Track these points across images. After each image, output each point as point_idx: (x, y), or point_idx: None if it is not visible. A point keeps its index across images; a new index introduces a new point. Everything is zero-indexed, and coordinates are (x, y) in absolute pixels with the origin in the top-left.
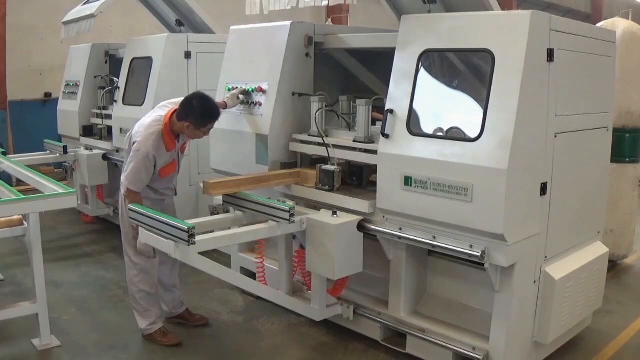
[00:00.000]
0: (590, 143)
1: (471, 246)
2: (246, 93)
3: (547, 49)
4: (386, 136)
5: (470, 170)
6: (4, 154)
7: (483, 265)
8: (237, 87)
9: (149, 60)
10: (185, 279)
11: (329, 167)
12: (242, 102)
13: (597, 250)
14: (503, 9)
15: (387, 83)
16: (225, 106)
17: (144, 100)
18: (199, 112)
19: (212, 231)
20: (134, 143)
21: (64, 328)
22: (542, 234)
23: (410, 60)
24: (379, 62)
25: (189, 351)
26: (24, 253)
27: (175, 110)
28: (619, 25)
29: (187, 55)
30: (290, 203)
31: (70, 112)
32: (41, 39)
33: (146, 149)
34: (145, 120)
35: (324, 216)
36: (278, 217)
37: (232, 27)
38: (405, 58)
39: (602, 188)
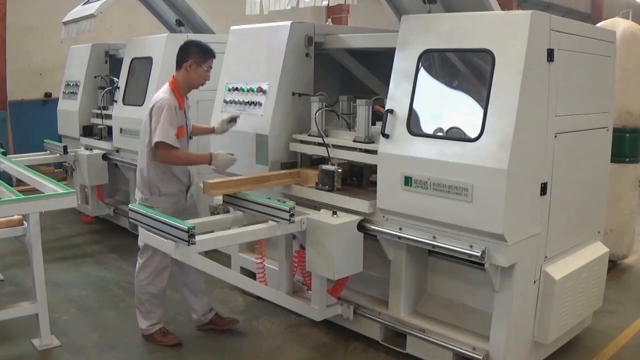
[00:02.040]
0: (590, 143)
1: (471, 246)
2: (234, 120)
3: (547, 49)
4: (386, 136)
5: (470, 170)
6: (4, 154)
7: (483, 265)
8: (237, 88)
9: (149, 60)
10: None
11: (329, 167)
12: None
13: (597, 250)
14: (503, 9)
15: (387, 83)
16: (213, 131)
17: (144, 100)
18: (198, 48)
19: (212, 231)
20: (152, 114)
21: (64, 328)
22: (542, 234)
23: (410, 60)
24: (379, 62)
25: (189, 351)
26: (24, 253)
27: (174, 76)
28: (619, 25)
29: None
30: (290, 203)
31: (70, 112)
32: (41, 39)
33: (167, 101)
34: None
35: (324, 216)
36: (278, 217)
37: (232, 27)
38: (405, 58)
39: (602, 188)
